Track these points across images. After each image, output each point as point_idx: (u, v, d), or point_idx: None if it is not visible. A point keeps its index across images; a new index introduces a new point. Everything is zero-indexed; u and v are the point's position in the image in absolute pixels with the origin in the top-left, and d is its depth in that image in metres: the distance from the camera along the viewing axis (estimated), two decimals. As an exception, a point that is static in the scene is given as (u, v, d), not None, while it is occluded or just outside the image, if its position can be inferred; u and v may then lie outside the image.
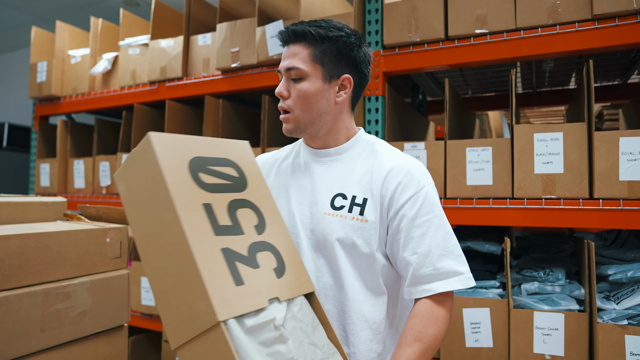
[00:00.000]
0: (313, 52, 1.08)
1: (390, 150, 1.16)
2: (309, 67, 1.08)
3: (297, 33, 1.09)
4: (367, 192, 1.08)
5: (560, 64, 2.14)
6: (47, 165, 2.91)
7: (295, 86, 1.09)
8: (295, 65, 1.08)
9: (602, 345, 1.47)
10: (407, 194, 1.06)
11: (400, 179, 1.07)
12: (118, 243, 1.39)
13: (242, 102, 2.74)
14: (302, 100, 1.09)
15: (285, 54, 1.11)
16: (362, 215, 1.07)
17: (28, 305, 1.12)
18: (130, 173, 0.91)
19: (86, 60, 2.77)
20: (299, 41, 1.09)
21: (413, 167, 1.10)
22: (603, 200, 1.53)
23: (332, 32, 1.08)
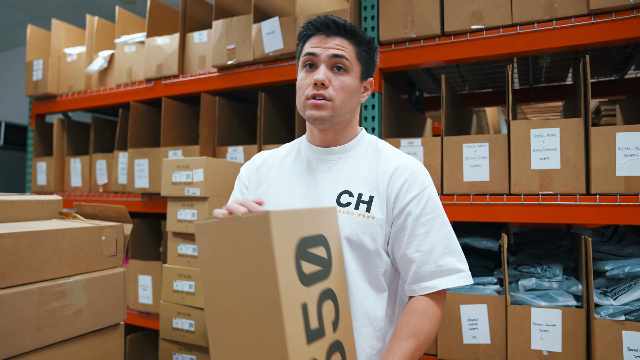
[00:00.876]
0: (357, 50, 1.11)
1: (393, 150, 1.18)
2: (354, 62, 1.10)
3: (345, 28, 1.09)
4: (373, 190, 1.10)
5: (557, 59, 2.14)
6: (43, 164, 2.90)
7: (339, 77, 1.08)
8: (343, 54, 1.08)
9: (599, 341, 1.47)
10: (412, 192, 1.08)
11: (405, 178, 1.09)
12: (114, 241, 1.38)
13: (238, 99, 2.74)
14: (344, 93, 1.09)
15: (324, 43, 1.09)
16: (368, 212, 1.08)
17: (23, 304, 1.11)
18: (224, 238, 0.83)
19: (82, 59, 2.76)
20: (344, 36, 1.09)
21: (416, 167, 1.13)
22: (600, 196, 1.53)
23: (370, 38, 1.15)
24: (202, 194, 1.77)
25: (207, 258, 0.84)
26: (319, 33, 1.10)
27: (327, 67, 1.08)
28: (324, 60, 1.08)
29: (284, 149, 1.29)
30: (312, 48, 1.09)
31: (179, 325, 1.87)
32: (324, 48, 1.08)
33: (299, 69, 1.15)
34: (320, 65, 1.08)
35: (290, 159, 1.23)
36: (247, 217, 0.80)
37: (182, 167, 1.82)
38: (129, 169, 2.43)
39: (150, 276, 2.31)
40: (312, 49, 1.09)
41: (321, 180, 1.14)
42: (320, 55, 1.08)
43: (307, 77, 1.10)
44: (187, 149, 2.26)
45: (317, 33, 1.10)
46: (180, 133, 2.48)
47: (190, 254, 1.86)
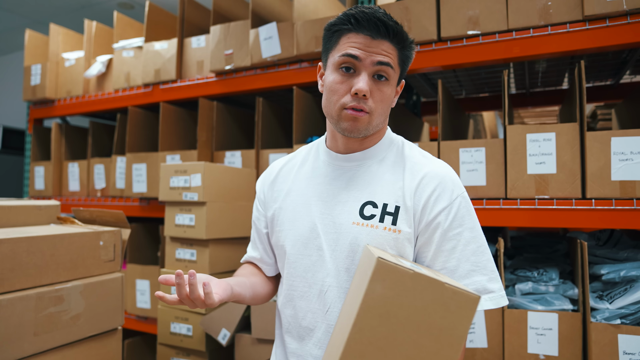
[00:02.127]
0: (400, 55, 1.00)
1: (421, 153, 1.07)
2: (396, 69, 0.99)
3: (393, 30, 0.96)
4: (400, 199, 0.99)
5: (553, 64, 2.15)
6: (41, 168, 2.90)
7: (381, 87, 0.97)
8: (390, 63, 0.97)
9: (595, 344, 1.48)
10: (440, 204, 0.98)
11: (433, 187, 0.99)
12: (112, 246, 1.39)
13: (236, 104, 2.74)
14: (383, 104, 0.99)
15: (369, 47, 0.95)
16: (394, 225, 0.98)
17: (21, 309, 1.12)
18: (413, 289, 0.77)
19: (80, 63, 2.77)
20: (391, 40, 0.97)
21: (446, 174, 1.02)
22: (595, 200, 1.54)
23: (410, 37, 1.02)
24: (200, 198, 1.78)
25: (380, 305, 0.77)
26: (362, 32, 0.96)
27: (369, 74, 0.96)
28: (367, 67, 0.96)
29: (300, 154, 1.18)
30: (355, 49, 0.95)
31: (177, 330, 1.87)
32: (369, 53, 0.95)
33: (330, 69, 1.00)
34: (362, 72, 0.96)
35: (308, 168, 1.13)
36: (453, 289, 0.76)
37: (180, 172, 1.82)
38: (127, 173, 2.44)
39: (148, 280, 2.31)
40: (354, 50, 0.95)
41: (342, 192, 1.04)
42: (364, 60, 0.95)
43: (344, 83, 0.97)
44: (185, 154, 2.27)
45: (360, 31, 0.96)
46: (178, 138, 2.49)
47: (187, 259, 1.86)
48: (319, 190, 1.06)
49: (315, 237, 1.03)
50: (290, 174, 1.15)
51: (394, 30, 0.96)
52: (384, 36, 0.96)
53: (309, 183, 1.09)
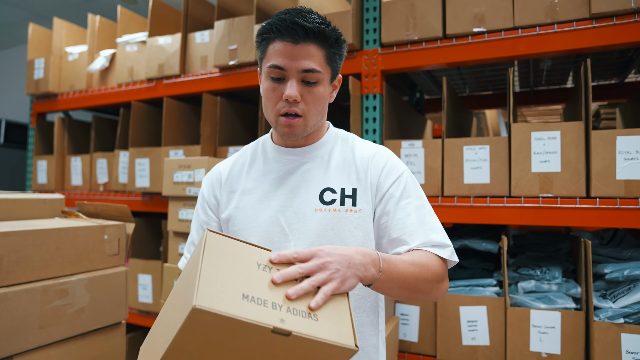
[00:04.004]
0: (327, 54, 1.01)
1: (362, 140, 1.15)
2: (324, 70, 1.01)
3: (313, 32, 0.97)
4: (354, 181, 1.06)
5: (558, 62, 2.15)
6: (44, 162, 2.91)
7: (311, 90, 1.00)
8: (314, 67, 0.98)
9: (598, 343, 1.48)
10: (391, 177, 1.06)
11: (384, 164, 1.08)
12: (116, 240, 1.39)
13: (239, 99, 2.74)
14: (318, 105, 1.02)
15: (292, 53, 0.97)
16: (355, 205, 1.04)
17: (26, 302, 1.12)
18: None
19: (84, 57, 2.76)
20: (314, 41, 0.98)
21: (390, 154, 1.11)
22: (600, 199, 1.54)
23: (338, 33, 1.03)
24: (204, 193, 1.78)
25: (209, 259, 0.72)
26: (284, 39, 0.98)
27: (297, 80, 0.99)
28: (294, 74, 0.98)
29: (246, 153, 1.19)
30: (278, 59, 0.98)
31: (180, 325, 1.87)
32: (293, 61, 0.97)
33: (263, 76, 1.03)
34: (290, 79, 0.99)
35: (259, 166, 1.14)
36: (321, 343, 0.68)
37: (184, 167, 1.82)
38: (130, 168, 2.44)
39: (150, 275, 2.31)
40: (278, 60, 0.98)
41: (299, 183, 1.08)
42: (290, 69, 0.98)
43: (276, 90, 1.00)
44: (188, 149, 2.27)
45: (282, 38, 0.98)
46: (182, 133, 2.49)
47: (191, 254, 1.87)
48: (275, 185, 1.09)
49: (280, 230, 1.05)
50: (242, 174, 1.15)
51: (315, 32, 0.97)
52: (305, 39, 0.97)
53: (263, 180, 1.11)
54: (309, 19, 0.98)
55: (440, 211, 1.75)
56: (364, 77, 1.89)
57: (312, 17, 0.99)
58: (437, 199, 1.76)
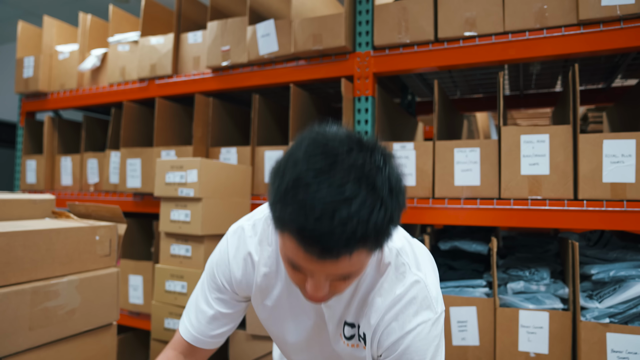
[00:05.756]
0: (374, 246, 0.72)
1: (395, 273, 0.90)
2: (366, 263, 0.78)
3: (350, 249, 0.68)
4: (366, 327, 0.92)
5: (547, 67, 2.18)
6: (33, 162, 2.88)
7: (345, 282, 0.79)
8: (350, 272, 0.75)
9: (584, 342, 1.50)
10: (392, 337, 0.88)
11: (390, 320, 0.89)
12: (107, 241, 1.38)
13: (232, 100, 2.74)
14: (350, 285, 0.84)
15: (319, 268, 0.72)
16: (365, 344, 0.94)
17: (16, 304, 1.11)
18: None
19: (74, 57, 2.74)
20: (353, 252, 0.69)
21: (411, 302, 0.88)
22: (587, 201, 1.57)
23: (395, 202, 0.71)
24: (196, 194, 1.78)
25: None
26: (306, 251, 0.70)
27: (324, 279, 0.76)
28: (319, 276, 0.75)
29: (263, 263, 0.98)
30: (297, 260, 0.73)
31: (171, 326, 1.87)
32: (317, 269, 0.73)
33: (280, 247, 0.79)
34: (314, 277, 0.76)
35: (281, 285, 0.98)
36: None
37: (176, 167, 1.82)
38: (121, 168, 2.43)
39: (142, 276, 2.30)
40: (296, 262, 0.74)
41: (321, 314, 0.95)
42: (315, 275, 0.75)
43: (296, 275, 0.79)
44: (180, 150, 2.26)
45: (304, 249, 0.69)
46: (173, 133, 2.48)
47: (182, 255, 1.86)
48: (301, 317, 0.98)
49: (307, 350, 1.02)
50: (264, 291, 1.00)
51: (353, 247, 0.68)
52: (337, 257, 0.69)
53: (286, 300, 0.99)
54: (349, 228, 0.65)
55: (431, 213, 1.77)
56: (356, 79, 1.91)
57: (356, 211, 0.65)
58: (427, 200, 1.78)
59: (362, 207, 0.65)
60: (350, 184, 0.65)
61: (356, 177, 0.66)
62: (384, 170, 0.70)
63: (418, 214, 1.79)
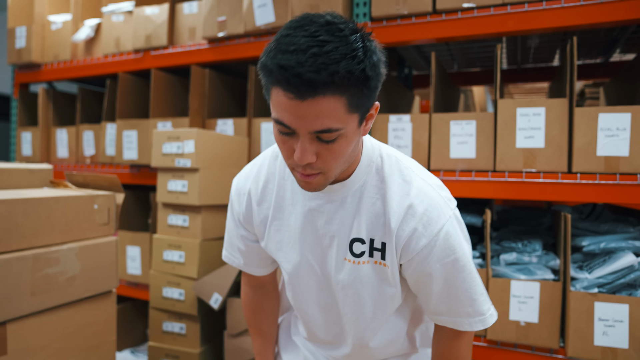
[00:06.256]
0: (350, 101, 0.76)
1: (401, 175, 0.94)
2: (346, 121, 0.78)
3: (326, 84, 0.72)
4: (385, 235, 0.93)
5: (545, 40, 2.17)
6: (28, 134, 2.86)
7: (330, 147, 0.80)
8: (329, 127, 0.76)
9: (573, 311, 1.55)
10: (423, 241, 0.90)
11: (415, 224, 0.90)
12: (106, 210, 1.40)
13: (228, 72, 2.72)
14: (340, 158, 0.83)
15: (299, 111, 0.75)
16: (383, 259, 0.94)
17: (18, 270, 1.13)
18: None
19: (68, 27, 2.70)
20: (326, 93, 0.73)
21: (430, 204, 0.91)
22: (581, 174, 1.58)
23: (368, 60, 0.75)
24: (193, 165, 1.79)
25: None
26: (285, 91, 0.74)
27: (310, 140, 0.79)
28: (304, 134, 0.78)
29: (260, 176, 1.04)
30: (283, 115, 0.77)
31: (169, 295, 1.90)
32: (300, 120, 0.76)
33: (273, 119, 0.82)
34: (300, 137, 0.79)
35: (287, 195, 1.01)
36: None
37: (173, 138, 1.82)
38: (118, 140, 2.42)
39: (139, 247, 2.33)
40: (282, 115, 0.77)
41: (327, 230, 0.96)
42: (298, 129, 0.78)
43: (286, 143, 0.82)
44: (176, 121, 2.26)
45: (283, 89, 0.74)
46: (169, 105, 2.47)
47: (180, 225, 1.88)
48: (302, 226, 0.99)
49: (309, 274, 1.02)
50: (272, 195, 1.03)
51: (329, 83, 0.72)
52: (314, 94, 0.72)
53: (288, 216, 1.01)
54: (320, 61, 0.71)
55: (426, 185, 1.78)
56: (353, 51, 1.89)
57: (327, 51, 0.71)
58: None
59: (334, 50, 0.72)
60: (324, 34, 0.73)
61: (329, 30, 0.74)
62: (358, 34, 0.77)
63: (414, 186, 1.81)
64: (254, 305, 1.22)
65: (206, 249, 1.88)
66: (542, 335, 1.62)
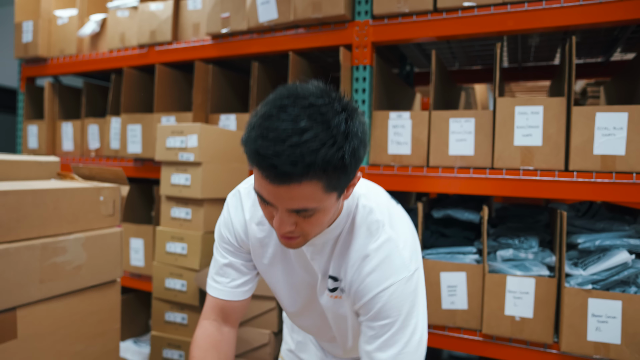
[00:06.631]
0: (328, 183, 0.77)
1: (368, 230, 0.95)
2: (322, 200, 0.80)
3: (300, 175, 0.73)
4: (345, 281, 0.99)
5: (546, 39, 2.19)
6: (34, 127, 2.91)
7: (307, 220, 0.83)
8: (306, 207, 0.79)
9: (567, 307, 1.58)
10: (369, 294, 0.93)
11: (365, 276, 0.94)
12: (111, 202, 1.43)
13: (231, 68, 2.75)
14: (317, 227, 0.86)
15: (276, 193, 0.77)
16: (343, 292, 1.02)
17: (27, 258, 1.17)
18: None
19: (74, 22, 2.73)
20: (303, 180, 0.74)
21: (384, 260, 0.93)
22: (577, 172, 1.61)
23: (347, 145, 0.76)
24: (196, 159, 1.82)
25: None
26: (263, 175, 0.76)
27: (288, 214, 0.82)
28: (282, 210, 0.81)
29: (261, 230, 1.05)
30: (262, 191, 0.80)
31: (172, 286, 1.94)
32: (278, 200, 0.79)
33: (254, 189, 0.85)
34: (279, 210, 0.82)
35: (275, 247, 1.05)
36: None
37: (177, 132, 1.86)
38: (122, 134, 2.46)
39: (142, 239, 2.37)
40: (261, 192, 0.81)
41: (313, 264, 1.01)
42: (276, 205, 0.80)
43: (266, 209, 0.85)
44: (180, 116, 2.29)
45: (262, 173, 0.76)
46: (173, 100, 2.50)
47: (183, 217, 1.92)
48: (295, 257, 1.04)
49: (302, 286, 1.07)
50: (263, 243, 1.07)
51: (305, 173, 0.73)
52: (289, 181, 0.74)
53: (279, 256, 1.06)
54: (297, 152, 0.72)
55: (425, 181, 1.81)
56: (354, 48, 1.92)
57: (305, 141, 0.72)
58: (422, 169, 1.82)
59: (313, 139, 0.72)
60: (305, 120, 0.73)
61: (311, 114, 0.74)
62: (342, 116, 0.76)
63: (412, 182, 1.84)
64: (212, 342, 1.08)
65: (208, 241, 1.92)
66: (536, 330, 1.65)
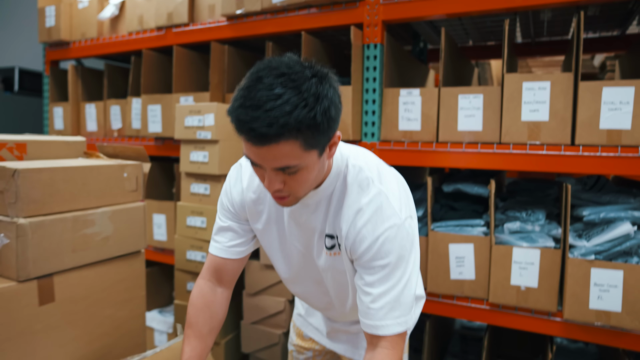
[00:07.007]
0: (304, 142, 0.86)
1: (359, 186, 1.04)
2: (303, 158, 0.89)
3: (276, 135, 0.82)
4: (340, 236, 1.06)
5: (558, 14, 2.18)
6: (60, 109, 3.03)
7: (293, 177, 0.92)
8: (287, 164, 0.88)
9: (570, 277, 1.63)
10: (365, 243, 1.01)
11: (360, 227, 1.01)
12: (134, 178, 1.53)
13: (246, 48, 2.80)
14: (304, 184, 0.95)
15: (259, 153, 0.87)
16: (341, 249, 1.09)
17: (60, 229, 1.28)
18: None
19: (94, 5, 2.82)
20: (279, 140, 0.83)
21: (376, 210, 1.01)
22: (583, 147, 1.64)
23: (318, 106, 0.85)
24: (213, 137, 1.91)
25: None
26: (246, 139, 0.86)
27: (275, 172, 0.91)
28: (269, 169, 0.90)
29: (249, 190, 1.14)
30: (250, 155, 0.90)
31: (192, 257, 2.06)
32: (263, 160, 0.88)
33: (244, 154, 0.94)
34: (266, 169, 0.91)
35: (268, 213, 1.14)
36: None
37: (195, 112, 1.94)
38: (143, 114, 2.56)
39: (165, 215, 2.48)
40: (250, 155, 0.90)
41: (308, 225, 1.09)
42: (263, 164, 0.90)
43: (258, 171, 0.95)
44: (197, 96, 2.37)
45: (244, 136, 0.85)
46: (191, 80, 2.58)
47: (202, 193, 2.02)
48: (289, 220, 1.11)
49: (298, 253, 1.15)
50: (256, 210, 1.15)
51: (279, 134, 0.82)
52: (268, 142, 0.83)
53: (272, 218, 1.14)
54: (272, 115, 0.81)
55: (434, 156, 1.86)
56: (365, 27, 1.96)
57: (279, 105, 0.81)
58: (431, 144, 1.87)
59: (286, 103, 0.82)
60: (279, 87, 0.83)
61: (284, 82, 0.84)
62: (312, 81, 0.85)
63: (422, 157, 1.89)
64: (205, 301, 1.18)
65: (226, 216, 2.02)
66: (541, 299, 1.71)
